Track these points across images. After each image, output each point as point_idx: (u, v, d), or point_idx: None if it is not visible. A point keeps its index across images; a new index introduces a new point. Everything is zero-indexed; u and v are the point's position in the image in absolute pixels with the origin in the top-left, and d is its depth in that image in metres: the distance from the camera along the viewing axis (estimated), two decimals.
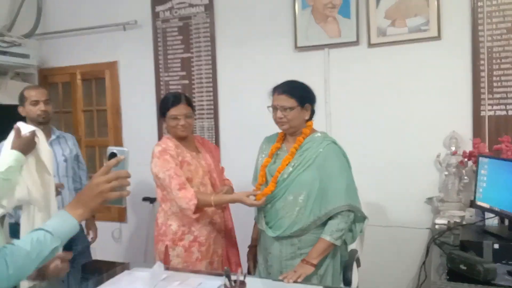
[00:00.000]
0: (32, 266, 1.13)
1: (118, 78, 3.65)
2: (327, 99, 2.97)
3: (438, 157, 2.71)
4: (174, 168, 2.11)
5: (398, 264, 2.84)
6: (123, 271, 1.89)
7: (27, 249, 1.11)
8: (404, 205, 2.83)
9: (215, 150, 2.47)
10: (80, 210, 1.18)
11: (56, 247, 1.14)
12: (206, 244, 2.20)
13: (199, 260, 2.18)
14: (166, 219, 2.21)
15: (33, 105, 2.40)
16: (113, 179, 1.18)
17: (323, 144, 1.98)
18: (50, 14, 3.82)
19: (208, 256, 2.21)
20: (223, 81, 3.30)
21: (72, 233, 1.18)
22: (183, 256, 2.17)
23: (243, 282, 1.48)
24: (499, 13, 2.59)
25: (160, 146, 2.18)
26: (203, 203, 2.08)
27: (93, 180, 1.19)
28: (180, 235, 2.18)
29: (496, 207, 2.04)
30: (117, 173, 1.20)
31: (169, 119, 2.19)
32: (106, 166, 1.21)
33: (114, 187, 1.18)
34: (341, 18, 2.90)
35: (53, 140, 2.58)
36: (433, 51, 2.73)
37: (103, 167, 1.21)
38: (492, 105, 2.62)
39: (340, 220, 1.91)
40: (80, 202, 1.19)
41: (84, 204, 1.18)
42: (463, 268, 1.67)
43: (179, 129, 2.19)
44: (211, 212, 2.22)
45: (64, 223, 1.16)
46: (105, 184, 1.17)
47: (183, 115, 2.17)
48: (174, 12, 3.40)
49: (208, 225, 2.21)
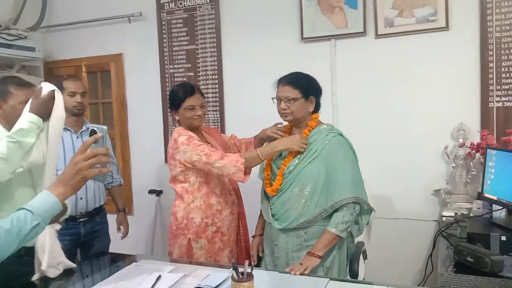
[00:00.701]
0: (13, 244, 1.19)
1: (124, 70, 3.65)
2: (334, 90, 2.95)
3: (446, 149, 2.69)
4: (208, 146, 2.10)
5: (405, 256, 2.84)
6: (130, 263, 1.90)
7: (6, 228, 1.17)
8: (411, 197, 2.82)
9: (216, 133, 2.44)
10: (61, 188, 1.23)
11: (36, 224, 1.19)
12: (227, 234, 2.23)
13: (221, 249, 2.21)
14: (187, 213, 2.19)
15: (70, 96, 2.47)
16: (90, 156, 1.22)
17: (329, 136, 1.98)
18: (55, 7, 3.82)
19: (229, 245, 2.25)
20: (228, 73, 3.29)
21: (54, 211, 1.22)
22: (207, 248, 2.19)
23: (250, 274, 1.49)
24: (508, 3, 2.55)
25: (184, 135, 2.13)
26: (251, 159, 2.01)
27: (72, 159, 1.23)
28: (204, 227, 2.18)
29: (503, 199, 2.03)
30: (94, 150, 1.23)
31: (185, 109, 2.16)
32: (84, 144, 1.25)
33: (93, 163, 1.22)
34: (348, 9, 2.87)
35: (83, 131, 2.60)
36: (441, 42, 2.70)
37: (81, 145, 1.25)
38: (500, 96, 2.60)
39: (346, 212, 1.90)
40: (61, 181, 1.24)
41: (65, 183, 1.23)
42: (470, 260, 1.67)
43: (196, 119, 2.17)
44: (231, 203, 2.26)
45: (45, 201, 1.21)
46: (83, 161, 1.22)
47: (199, 105, 2.17)
48: (179, 4, 3.38)
49: (229, 215, 2.24)
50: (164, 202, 3.55)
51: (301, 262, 1.85)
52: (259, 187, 2.21)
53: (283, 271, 1.83)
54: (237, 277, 1.47)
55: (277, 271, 1.91)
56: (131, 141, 3.67)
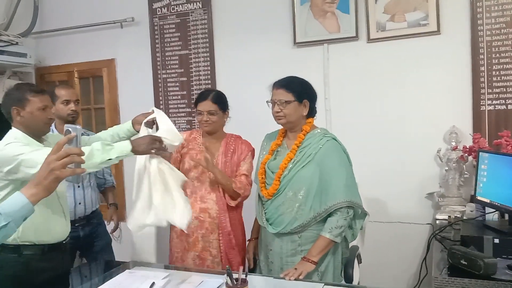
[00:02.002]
0: None
1: (116, 76, 3.63)
2: (327, 94, 2.96)
3: (439, 152, 2.71)
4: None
5: (399, 259, 2.85)
6: (124, 270, 1.89)
7: None
8: (404, 200, 2.83)
9: (243, 151, 2.36)
10: (34, 189, 1.20)
11: (5, 225, 1.17)
12: (193, 237, 2.27)
13: (186, 250, 2.27)
14: None
15: (64, 105, 2.49)
16: (63, 156, 1.19)
17: (323, 141, 1.98)
18: (47, 13, 3.80)
19: (196, 249, 2.26)
20: (221, 78, 3.29)
21: (24, 212, 1.20)
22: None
23: (244, 280, 1.48)
24: (498, 8, 2.58)
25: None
26: None
27: (46, 159, 1.20)
28: None
29: (496, 202, 2.04)
30: (67, 150, 1.20)
31: (196, 113, 2.33)
32: (57, 144, 1.21)
33: (66, 163, 1.19)
34: (340, 13, 2.89)
35: None
36: (433, 46, 2.72)
37: (55, 145, 1.22)
38: (492, 99, 2.62)
39: (339, 216, 1.90)
40: (34, 182, 1.21)
41: (37, 184, 1.20)
42: (464, 263, 1.67)
43: (202, 124, 2.31)
44: (199, 209, 2.26)
45: (15, 203, 1.19)
46: (56, 161, 1.18)
47: (206, 111, 2.26)
48: (171, 9, 3.38)
49: (194, 219, 2.23)
50: None
51: (296, 267, 1.85)
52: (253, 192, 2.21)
53: (278, 277, 1.83)
54: (232, 284, 1.47)
55: (271, 276, 1.91)
56: None
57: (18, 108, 1.88)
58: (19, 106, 1.88)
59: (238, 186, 2.23)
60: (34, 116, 1.88)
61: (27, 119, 1.89)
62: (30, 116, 1.88)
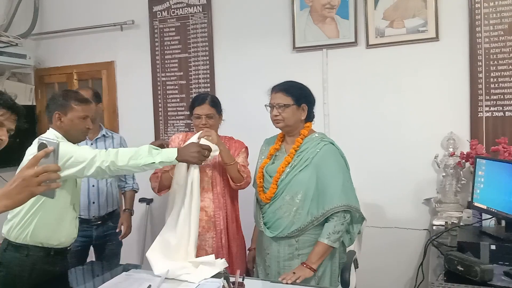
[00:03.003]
0: None
1: (115, 78, 3.64)
2: (325, 99, 2.97)
3: (436, 158, 2.71)
4: None
5: (396, 265, 2.85)
6: (120, 273, 1.88)
7: None
8: (401, 206, 2.83)
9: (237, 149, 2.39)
10: (5, 201, 1.18)
11: None
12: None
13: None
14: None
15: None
16: (40, 172, 1.16)
17: (320, 145, 1.99)
18: (47, 14, 3.81)
19: None
20: (220, 82, 3.29)
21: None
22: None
23: (241, 284, 1.48)
24: (496, 15, 2.59)
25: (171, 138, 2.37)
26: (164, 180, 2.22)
27: (21, 173, 1.18)
28: None
29: (493, 208, 2.04)
30: (45, 167, 1.17)
31: (193, 117, 2.32)
32: (34, 158, 1.18)
33: (41, 181, 1.17)
34: (340, 19, 2.90)
35: (98, 138, 2.71)
36: (431, 52, 2.73)
37: (31, 158, 1.18)
38: (490, 106, 2.63)
39: (337, 221, 1.90)
40: (6, 193, 1.18)
41: (10, 196, 1.18)
42: (460, 269, 1.68)
43: (200, 128, 2.29)
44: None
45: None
46: (33, 178, 1.16)
47: (205, 115, 2.27)
48: (171, 12, 3.39)
49: None
50: (155, 211, 3.53)
51: (295, 271, 1.84)
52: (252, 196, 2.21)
53: (275, 281, 1.83)
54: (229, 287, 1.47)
55: (268, 280, 1.90)
56: None
57: (61, 113, 1.96)
58: (62, 112, 1.96)
59: (242, 169, 2.24)
60: (74, 124, 1.97)
61: (67, 125, 1.96)
62: (70, 123, 1.97)
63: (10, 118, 1.54)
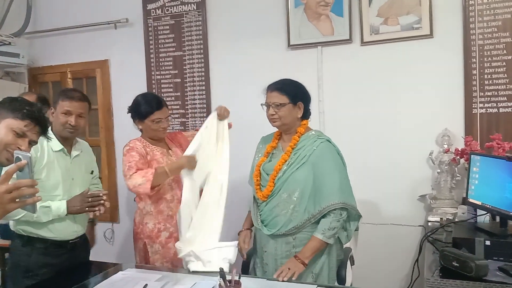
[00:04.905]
0: None
1: (110, 77, 3.62)
2: (320, 97, 2.97)
3: (431, 155, 2.73)
4: (137, 161, 2.21)
5: (392, 261, 2.86)
6: (116, 272, 1.88)
7: None
8: (397, 202, 2.84)
9: (183, 139, 2.51)
10: None
11: None
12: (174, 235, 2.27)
13: (176, 255, 2.19)
14: (142, 218, 2.32)
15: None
16: (12, 189, 1.11)
17: (317, 142, 1.99)
18: (40, 13, 3.78)
19: None
20: (215, 80, 3.28)
21: None
22: (162, 253, 2.29)
23: (238, 282, 1.48)
24: (490, 12, 2.60)
25: (128, 146, 2.30)
26: (159, 175, 2.15)
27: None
28: (156, 232, 2.30)
29: (487, 204, 2.05)
30: (16, 183, 1.12)
31: (152, 122, 2.27)
32: (6, 172, 1.13)
33: (15, 198, 1.11)
34: (334, 16, 2.90)
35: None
36: (426, 49, 2.74)
37: (3, 174, 1.13)
38: (484, 102, 2.64)
39: (333, 218, 1.91)
40: None
41: None
42: (455, 264, 1.69)
43: (161, 131, 2.31)
44: None
45: None
46: (5, 194, 1.10)
47: (165, 118, 2.29)
48: (165, 10, 3.38)
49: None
50: None
51: (289, 266, 1.84)
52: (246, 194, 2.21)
53: (271, 278, 1.83)
54: (225, 285, 1.47)
55: (265, 278, 1.91)
56: (117, 148, 3.63)
57: (53, 109, 2.03)
58: (54, 107, 2.03)
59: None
60: (57, 118, 2.01)
61: (54, 120, 2.01)
62: (55, 118, 2.01)
63: (33, 129, 1.52)
